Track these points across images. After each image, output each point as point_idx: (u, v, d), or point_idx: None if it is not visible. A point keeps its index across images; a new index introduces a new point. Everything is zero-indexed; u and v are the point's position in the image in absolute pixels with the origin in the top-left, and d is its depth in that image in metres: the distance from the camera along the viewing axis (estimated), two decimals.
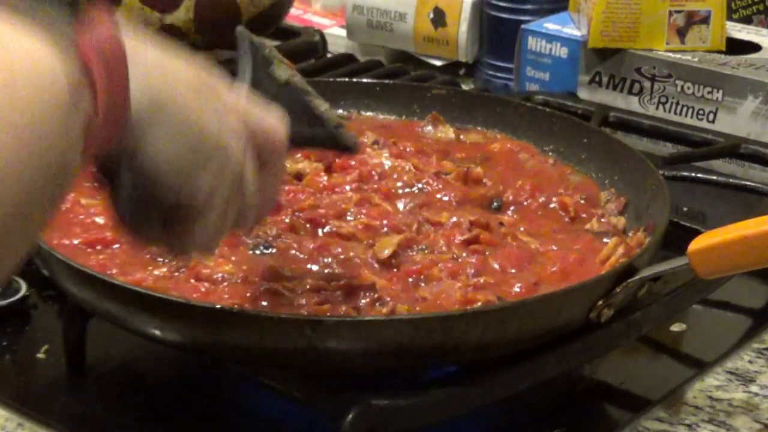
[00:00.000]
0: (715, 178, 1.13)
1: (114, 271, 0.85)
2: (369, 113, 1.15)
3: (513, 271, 0.88)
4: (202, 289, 0.83)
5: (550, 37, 1.35)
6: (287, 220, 0.93)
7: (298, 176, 1.01)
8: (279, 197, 0.88)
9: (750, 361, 0.94)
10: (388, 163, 1.03)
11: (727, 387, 0.91)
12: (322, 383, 0.79)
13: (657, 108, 1.28)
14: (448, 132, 1.11)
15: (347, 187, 0.99)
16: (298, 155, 1.05)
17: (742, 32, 1.35)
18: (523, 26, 1.37)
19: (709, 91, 1.24)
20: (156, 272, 0.85)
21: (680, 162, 1.17)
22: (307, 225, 0.93)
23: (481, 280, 0.86)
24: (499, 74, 1.45)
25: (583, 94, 1.32)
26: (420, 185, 1.00)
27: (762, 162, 1.19)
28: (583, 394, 0.91)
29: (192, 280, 0.84)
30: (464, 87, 1.42)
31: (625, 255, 0.88)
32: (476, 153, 1.07)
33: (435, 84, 1.34)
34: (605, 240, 0.93)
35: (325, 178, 1.01)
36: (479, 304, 0.82)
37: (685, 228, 1.01)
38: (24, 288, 0.98)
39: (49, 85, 0.57)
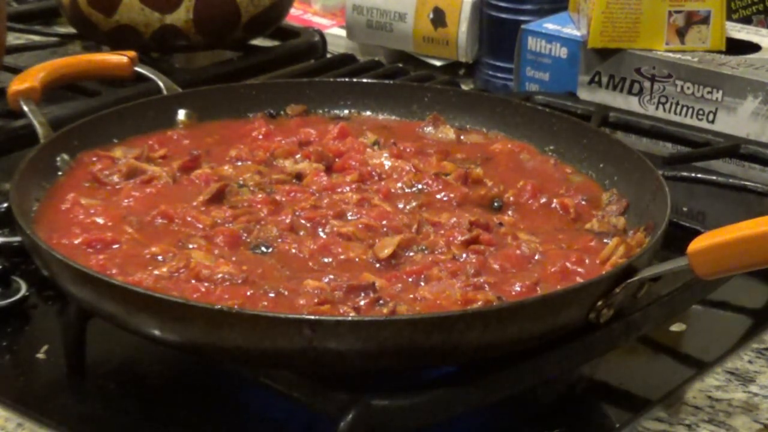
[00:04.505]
0: (715, 178, 1.13)
1: (114, 271, 0.85)
2: (369, 113, 1.15)
3: (513, 271, 0.88)
4: (202, 290, 0.83)
5: (550, 37, 1.35)
6: (287, 220, 0.93)
7: (298, 176, 1.01)
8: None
9: (750, 361, 0.94)
10: (388, 164, 1.03)
11: (727, 387, 0.91)
12: (322, 383, 0.79)
13: (657, 108, 1.28)
14: (448, 132, 1.11)
15: (347, 188, 0.99)
16: (298, 155, 1.05)
17: (741, 32, 1.35)
18: (522, 26, 1.37)
19: (708, 91, 1.24)
20: (156, 272, 0.85)
21: (680, 162, 1.17)
22: (307, 225, 0.93)
23: (481, 280, 0.86)
24: (499, 74, 1.45)
25: (583, 94, 1.32)
26: (420, 186, 1.00)
27: (762, 162, 1.19)
28: (583, 394, 0.91)
29: (192, 281, 0.84)
30: (464, 87, 1.42)
31: (625, 255, 0.88)
32: (476, 153, 1.07)
33: (435, 84, 1.34)
34: (605, 240, 0.93)
35: (325, 178, 1.01)
36: (479, 304, 0.82)
37: (685, 228, 1.01)
38: (24, 288, 0.98)
39: None
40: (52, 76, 1.11)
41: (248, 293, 0.82)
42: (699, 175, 1.13)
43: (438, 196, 0.99)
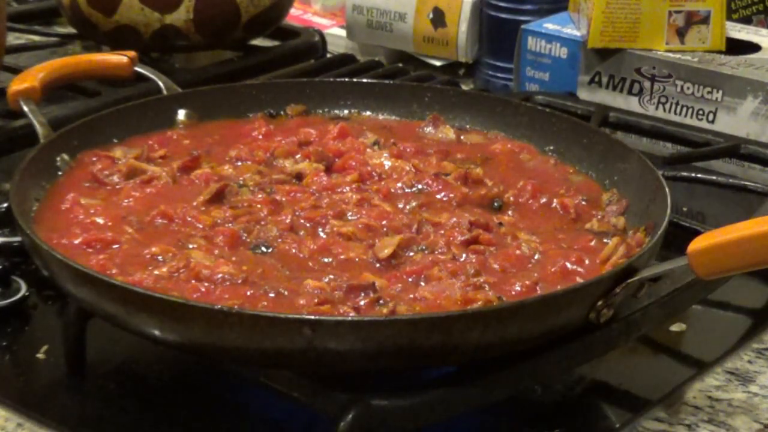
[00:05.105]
0: (715, 178, 1.13)
1: (114, 271, 0.85)
2: (369, 113, 1.15)
3: (513, 271, 0.88)
4: (202, 290, 0.83)
5: (550, 38, 1.35)
6: (287, 220, 0.93)
7: (298, 176, 1.01)
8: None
9: (750, 361, 0.94)
10: (388, 164, 1.03)
11: (727, 387, 0.91)
12: (322, 383, 0.79)
13: (657, 108, 1.28)
14: (448, 133, 1.11)
15: (347, 188, 0.99)
16: (298, 155, 1.05)
17: (741, 32, 1.35)
18: (522, 26, 1.37)
19: (708, 91, 1.24)
20: (156, 272, 0.85)
21: (680, 162, 1.17)
22: (307, 225, 0.93)
23: (481, 280, 0.86)
24: (499, 74, 1.45)
25: (583, 94, 1.32)
26: (420, 186, 1.00)
27: (762, 162, 1.19)
28: (583, 394, 0.91)
29: (192, 281, 0.84)
30: (464, 87, 1.42)
31: (625, 255, 0.88)
32: (476, 154, 1.07)
33: (435, 84, 1.34)
34: (605, 240, 0.93)
35: (325, 178, 1.01)
36: (479, 304, 0.82)
37: (685, 228, 1.01)
38: (24, 288, 0.98)
39: None
40: (52, 76, 1.11)
41: (248, 293, 0.82)
42: (699, 175, 1.13)
43: (438, 196, 0.99)
